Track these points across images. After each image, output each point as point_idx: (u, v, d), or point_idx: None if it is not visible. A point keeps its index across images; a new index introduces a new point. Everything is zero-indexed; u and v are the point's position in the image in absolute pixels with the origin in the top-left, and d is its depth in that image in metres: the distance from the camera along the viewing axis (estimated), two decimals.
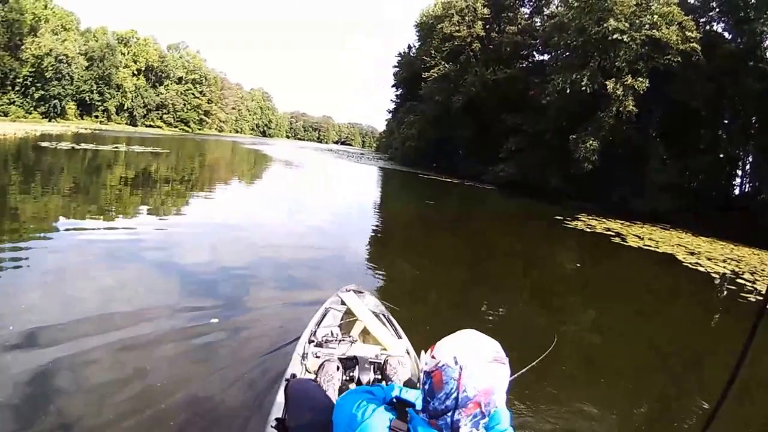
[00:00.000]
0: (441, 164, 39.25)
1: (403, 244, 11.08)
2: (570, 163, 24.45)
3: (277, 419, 2.04)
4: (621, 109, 22.47)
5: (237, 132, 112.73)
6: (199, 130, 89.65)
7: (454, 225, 15.09)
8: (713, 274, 10.94)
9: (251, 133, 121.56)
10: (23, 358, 3.40)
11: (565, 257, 12.13)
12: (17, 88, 54.83)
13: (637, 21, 22.67)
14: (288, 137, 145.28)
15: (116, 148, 29.10)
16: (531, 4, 36.13)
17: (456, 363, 1.20)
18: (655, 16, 22.25)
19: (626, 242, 13.88)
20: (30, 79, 55.42)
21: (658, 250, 13.27)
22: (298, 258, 7.66)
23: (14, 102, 54.70)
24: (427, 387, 1.25)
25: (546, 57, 32.26)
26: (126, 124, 73.72)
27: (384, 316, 3.61)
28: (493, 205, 22.68)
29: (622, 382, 4.75)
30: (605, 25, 22.76)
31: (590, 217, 18.46)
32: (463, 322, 4.76)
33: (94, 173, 17.41)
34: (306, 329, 3.26)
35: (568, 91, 24.30)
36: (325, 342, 2.98)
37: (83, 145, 27.10)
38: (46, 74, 56.18)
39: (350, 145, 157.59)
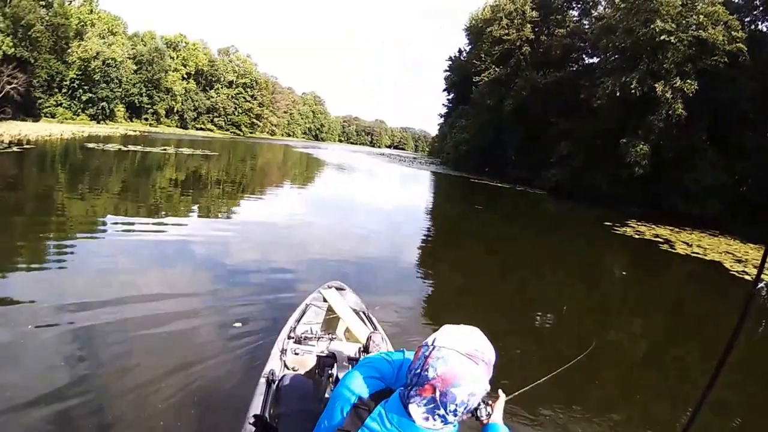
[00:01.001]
0: (492, 168, 40.06)
1: (450, 249, 11.36)
2: (620, 168, 24.94)
3: (255, 416, 2.08)
4: (670, 112, 22.94)
5: (289, 135, 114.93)
6: (251, 133, 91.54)
7: (502, 230, 15.34)
8: (761, 285, 11.12)
9: (303, 137, 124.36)
10: (60, 332, 4.03)
11: (612, 265, 12.36)
12: (64, 91, 56.57)
13: (684, 21, 23.13)
14: (340, 141, 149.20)
15: (165, 150, 29.91)
16: (579, 6, 36.48)
17: (432, 343, 1.24)
18: (701, 16, 22.65)
19: (674, 249, 14.02)
20: (77, 82, 57.28)
21: (705, 257, 13.35)
22: (341, 261, 7.84)
23: (61, 104, 56.49)
24: (411, 359, 1.32)
25: (595, 60, 32.59)
26: (176, 126, 76.08)
27: (364, 313, 3.75)
28: (542, 211, 23.33)
29: (654, 398, 4.76)
30: (652, 26, 23.33)
31: (639, 223, 18.82)
32: (503, 326, 6.06)
33: (140, 174, 18.13)
34: (285, 325, 3.36)
35: (618, 94, 24.84)
36: (304, 339, 3.04)
37: (130, 147, 27.95)
38: (93, 77, 58.16)
39: (403, 149, 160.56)
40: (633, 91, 24.04)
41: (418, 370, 1.22)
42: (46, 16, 48.72)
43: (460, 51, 53.62)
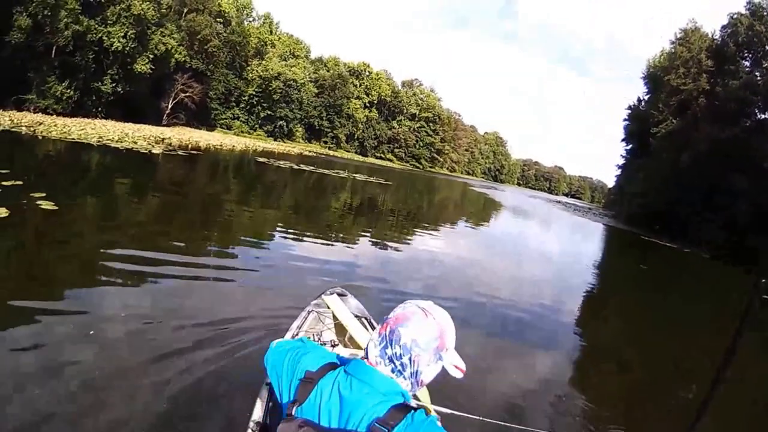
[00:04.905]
0: (663, 226, 40.26)
1: (608, 309, 11.62)
2: None
3: (256, 422, 2.22)
4: None
5: (468, 174, 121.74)
6: (430, 167, 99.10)
7: (663, 295, 15.46)
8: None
9: (482, 177, 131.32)
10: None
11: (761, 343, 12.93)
12: (242, 106, 63.01)
13: None
14: (519, 184, 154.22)
15: (339, 173, 32.19)
16: (750, 56, 36.42)
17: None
18: None
19: None
20: (256, 99, 63.34)
21: None
22: (496, 305, 8.34)
23: (238, 118, 63.00)
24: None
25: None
26: (355, 153, 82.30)
27: (366, 319, 3.98)
28: (705, 276, 23.94)
29: None
30: None
31: None
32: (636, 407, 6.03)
33: (306, 192, 19.87)
34: (288, 332, 3.52)
35: None
36: None
37: (304, 166, 30.44)
38: (273, 96, 64.00)
39: (579, 198, 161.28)
40: None
41: (385, 316, 1.51)
42: (224, 33, 54.36)
43: (639, 100, 55.03)
